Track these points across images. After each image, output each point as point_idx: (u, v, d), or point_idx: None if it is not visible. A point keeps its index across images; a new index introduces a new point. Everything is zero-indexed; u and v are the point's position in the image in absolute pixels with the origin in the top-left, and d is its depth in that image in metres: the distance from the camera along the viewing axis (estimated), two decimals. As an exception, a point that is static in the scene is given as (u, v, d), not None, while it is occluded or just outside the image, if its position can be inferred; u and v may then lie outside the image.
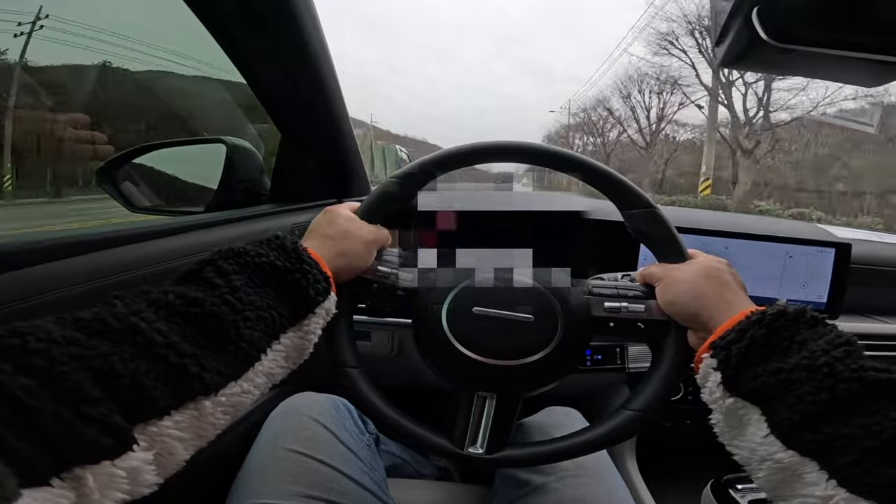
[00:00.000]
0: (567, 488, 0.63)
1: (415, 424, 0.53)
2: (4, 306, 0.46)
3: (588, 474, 0.65)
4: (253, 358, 0.37)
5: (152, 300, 0.34)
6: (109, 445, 0.27)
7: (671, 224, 0.54)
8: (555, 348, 0.51)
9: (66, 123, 0.67)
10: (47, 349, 0.27)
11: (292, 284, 0.41)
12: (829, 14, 0.35)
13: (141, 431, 0.29)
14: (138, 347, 0.31)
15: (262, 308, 0.39)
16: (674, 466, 1.03)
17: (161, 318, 0.33)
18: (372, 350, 0.99)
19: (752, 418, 0.38)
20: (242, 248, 0.41)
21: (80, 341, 0.29)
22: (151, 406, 0.30)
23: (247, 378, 0.37)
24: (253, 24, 0.74)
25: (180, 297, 0.35)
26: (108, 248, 0.59)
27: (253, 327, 0.37)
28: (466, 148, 0.56)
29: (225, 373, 0.35)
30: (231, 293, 0.37)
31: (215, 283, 0.37)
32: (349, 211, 0.54)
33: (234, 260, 0.40)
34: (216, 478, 0.61)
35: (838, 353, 0.36)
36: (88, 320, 0.31)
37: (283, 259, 0.42)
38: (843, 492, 0.32)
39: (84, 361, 0.28)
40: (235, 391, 0.36)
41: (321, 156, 1.07)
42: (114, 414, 0.28)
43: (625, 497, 0.65)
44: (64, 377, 0.27)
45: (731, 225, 1.01)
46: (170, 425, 0.31)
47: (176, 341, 0.32)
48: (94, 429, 0.26)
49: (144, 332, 0.31)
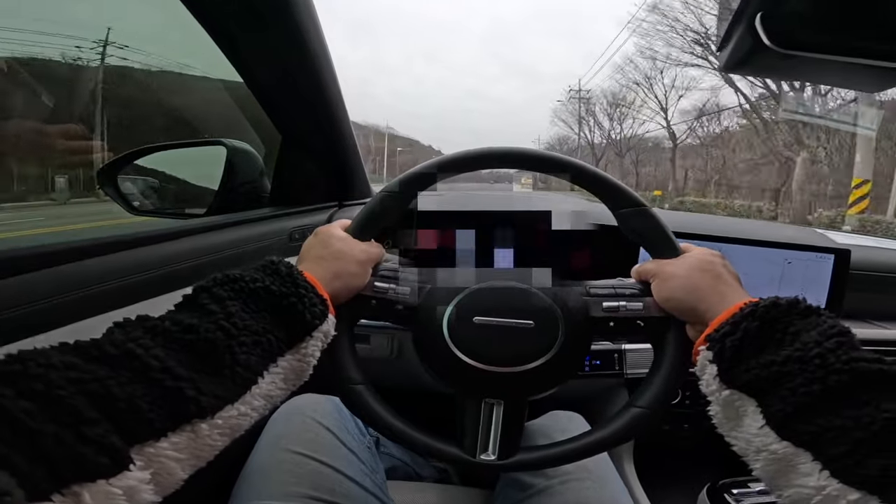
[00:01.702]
0: (570, 492, 0.63)
1: (425, 435, 0.53)
2: (10, 310, 0.46)
3: (591, 478, 0.65)
4: (250, 381, 0.38)
5: (149, 327, 0.35)
6: (106, 465, 0.28)
7: (662, 220, 0.54)
8: (557, 352, 0.51)
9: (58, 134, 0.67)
10: (46, 374, 0.28)
11: (288, 308, 0.42)
12: (832, 19, 0.36)
13: (138, 452, 0.30)
14: (135, 372, 0.32)
15: (258, 332, 0.39)
16: (671, 470, 1.04)
17: (158, 344, 0.34)
18: (371, 353, 0.99)
19: (748, 410, 0.39)
20: (238, 275, 0.42)
21: (78, 366, 0.30)
22: (148, 428, 0.31)
23: (244, 401, 0.37)
24: (252, 25, 0.74)
25: (176, 324, 0.36)
26: (109, 252, 0.59)
27: (249, 351, 0.38)
28: (457, 156, 0.56)
29: (222, 396, 0.35)
30: (226, 319, 0.38)
31: (210, 309, 0.38)
32: (341, 230, 0.54)
33: (230, 286, 0.41)
34: (218, 478, 0.61)
35: (830, 344, 0.36)
36: (87, 346, 0.32)
37: (278, 284, 0.42)
38: (835, 482, 0.32)
39: (81, 385, 0.29)
40: (232, 414, 0.36)
41: (321, 158, 1.07)
42: (110, 435, 0.29)
43: (627, 501, 0.65)
44: (62, 400, 0.28)
45: (729, 230, 1.01)
46: (166, 446, 0.32)
47: (172, 366, 0.33)
48: (91, 449, 0.27)
49: (141, 357, 0.32)
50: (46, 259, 0.52)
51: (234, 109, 1.14)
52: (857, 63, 0.37)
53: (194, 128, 1.37)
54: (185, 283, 0.41)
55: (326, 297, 0.46)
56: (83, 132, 0.67)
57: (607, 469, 0.69)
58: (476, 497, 0.78)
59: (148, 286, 0.61)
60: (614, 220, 0.56)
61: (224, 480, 0.63)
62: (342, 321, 0.51)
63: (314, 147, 1.04)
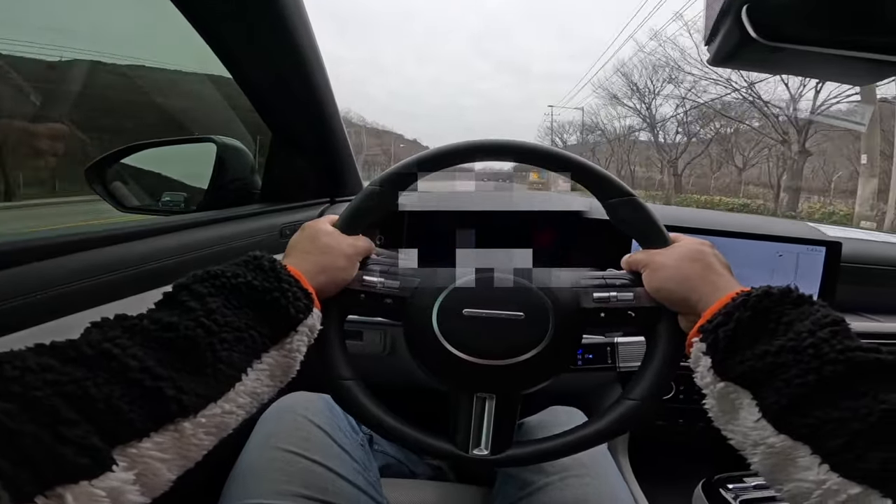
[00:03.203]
0: (569, 488, 0.62)
1: (416, 431, 0.53)
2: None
3: (590, 474, 0.64)
4: (233, 378, 0.37)
5: (127, 326, 0.35)
6: (87, 466, 0.27)
7: (651, 210, 0.54)
8: (548, 344, 0.51)
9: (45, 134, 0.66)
10: (22, 376, 0.28)
11: (271, 304, 0.41)
12: (819, 12, 0.35)
13: (120, 453, 0.30)
14: (112, 372, 0.31)
15: (240, 329, 0.39)
16: (666, 466, 1.04)
17: (136, 343, 0.34)
18: (363, 349, 0.99)
19: (744, 402, 0.38)
20: (219, 271, 0.41)
21: (54, 368, 0.30)
22: (129, 428, 0.31)
23: (228, 399, 0.37)
24: (241, 22, 0.74)
25: (155, 322, 0.36)
26: (98, 247, 0.59)
27: (231, 348, 0.37)
28: (444, 149, 0.56)
29: (204, 394, 0.35)
30: (206, 315, 0.37)
31: (190, 306, 0.38)
32: (328, 225, 0.54)
33: (210, 282, 0.40)
34: (208, 478, 0.60)
35: (824, 333, 0.36)
36: (63, 347, 0.32)
37: (260, 279, 0.42)
38: (835, 476, 0.32)
39: (58, 387, 0.29)
40: (217, 412, 0.36)
41: (312, 155, 1.07)
42: (90, 436, 0.28)
43: (626, 498, 0.65)
44: (38, 402, 0.27)
45: (720, 223, 1.01)
46: (150, 447, 0.31)
47: (151, 365, 0.33)
48: (71, 450, 0.27)
49: (118, 357, 0.32)
50: (21, 255, 0.51)
51: (224, 106, 1.13)
52: (844, 56, 0.37)
53: (183, 125, 1.35)
54: (170, 279, 0.41)
55: (311, 291, 0.45)
56: (68, 131, 0.66)
57: (607, 465, 0.69)
58: (471, 494, 0.78)
59: (130, 283, 0.61)
60: (599, 215, 0.56)
61: (214, 480, 0.62)
62: (331, 316, 0.50)
63: (305, 143, 1.04)
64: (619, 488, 0.66)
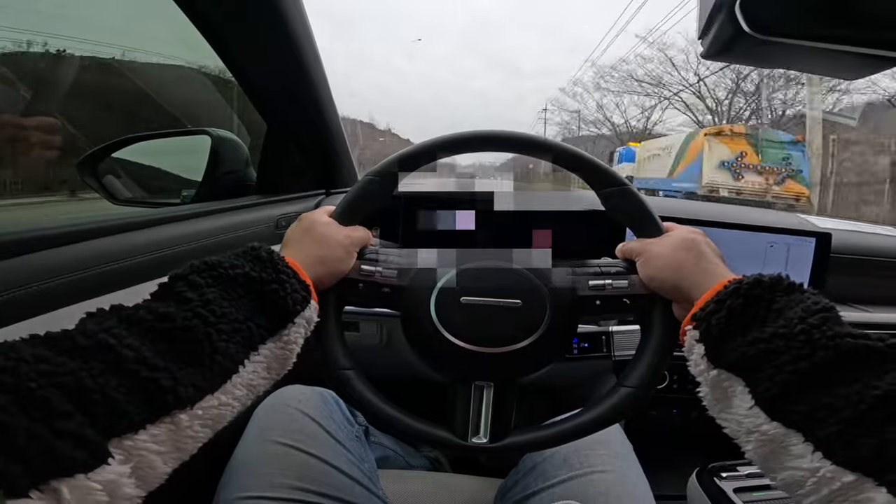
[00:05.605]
0: (593, 485, 0.62)
1: (414, 420, 0.53)
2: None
3: (616, 471, 0.65)
4: (230, 370, 0.37)
5: (123, 317, 0.34)
6: (82, 459, 0.27)
7: (645, 199, 0.54)
8: (546, 331, 0.52)
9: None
10: (15, 367, 0.27)
11: (269, 295, 0.41)
12: (811, 7, 0.36)
13: (116, 445, 0.29)
14: (108, 363, 0.31)
15: (238, 320, 0.38)
16: (660, 455, 1.05)
17: (132, 333, 0.33)
18: (360, 341, 0.99)
19: (737, 390, 0.38)
20: (216, 261, 0.41)
21: (49, 359, 0.29)
22: (125, 420, 0.30)
23: (225, 391, 0.36)
24: (237, 14, 0.73)
25: (151, 313, 0.35)
26: (92, 238, 0.58)
27: (228, 339, 0.37)
28: (439, 140, 0.56)
29: (201, 386, 0.35)
30: (203, 306, 0.37)
31: (187, 297, 0.37)
32: (326, 215, 0.54)
33: (208, 273, 0.40)
34: (204, 472, 0.60)
35: (815, 319, 0.36)
36: (58, 338, 0.31)
37: (258, 270, 0.41)
38: (828, 464, 0.32)
39: (53, 378, 0.28)
40: (213, 404, 0.35)
41: (308, 147, 1.06)
42: (85, 428, 0.28)
43: (645, 494, 0.65)
44: (32, 393, 0.27)
45: (712, 214, 1.02)
46: (146, 439, 0.31)
47: (147, 356, 0.32)
48: (66, 443, 0.26)
49: (114, 347, 0.31)
50: (17, 247, 0.51)
51: (218, 98, 1.13)
52: (836, 50, 0.37)
53: (177, 118, 1.34)
54: (166, 271, 0.40)
55: (309, 283, 0.45)
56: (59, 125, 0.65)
57: (631, 464, 0.69)
58: (466, 484, 0.78)
59: (125, 274, 0.60)
60: (595, 206, 0.56)
61: (210, 473, 0.63)
62: (329, 306, 0.50)
63: (300, 135, 1.03)
64: (642, 489, 0.66)
